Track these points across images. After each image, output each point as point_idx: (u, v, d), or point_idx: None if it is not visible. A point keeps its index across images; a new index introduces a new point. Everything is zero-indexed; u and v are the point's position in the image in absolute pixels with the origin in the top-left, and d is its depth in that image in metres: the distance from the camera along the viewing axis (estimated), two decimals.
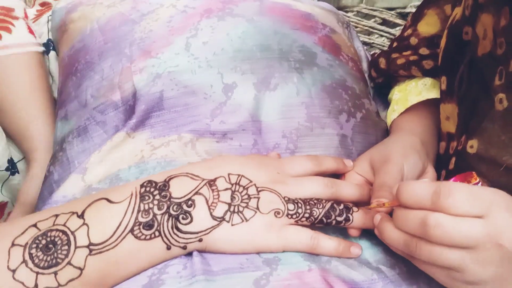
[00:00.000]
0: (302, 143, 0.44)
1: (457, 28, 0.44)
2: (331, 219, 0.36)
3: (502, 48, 0.38)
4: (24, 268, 0.29)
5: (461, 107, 0.43)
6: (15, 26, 0.58)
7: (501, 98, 0.37)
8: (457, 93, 0.44)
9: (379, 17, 0.93)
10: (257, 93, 0.45)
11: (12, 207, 0.59)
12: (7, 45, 0.57)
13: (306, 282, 0.32)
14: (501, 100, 0.37)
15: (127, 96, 0.44)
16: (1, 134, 0.56)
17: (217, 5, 0.51)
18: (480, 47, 0.40)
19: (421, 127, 0.48)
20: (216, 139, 0.43)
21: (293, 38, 0.50)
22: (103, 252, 0.30)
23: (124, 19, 0.50)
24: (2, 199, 0.57)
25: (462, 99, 0.43)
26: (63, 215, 0.31)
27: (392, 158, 0.40)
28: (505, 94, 0.37)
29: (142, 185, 0.34)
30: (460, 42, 0.43)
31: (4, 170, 0.56)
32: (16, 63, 0.57)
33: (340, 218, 0.36)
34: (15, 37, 0.58)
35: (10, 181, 0.57)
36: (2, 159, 0.56)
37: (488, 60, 0.39)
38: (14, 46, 0.57)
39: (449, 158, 0.44)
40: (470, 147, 0.40)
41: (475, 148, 0.40)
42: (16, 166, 0.58)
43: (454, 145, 0.44)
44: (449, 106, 0.45)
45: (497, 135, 0.38)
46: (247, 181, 0.36)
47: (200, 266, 0.32)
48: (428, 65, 0.51)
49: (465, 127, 0.42)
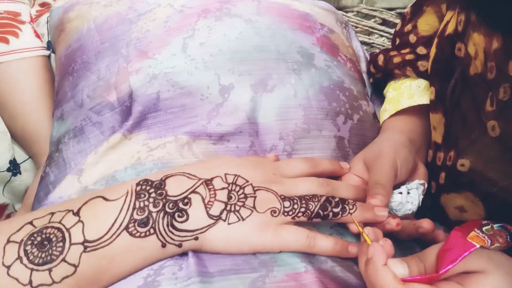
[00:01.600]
0: (299, 145, 0.44)
1: (450, 42, 0.43)
2: (327, 211, 0.36)
3: (493, 73, 0.36)
4: (19, 264, 0.29)
5: (449, 119, 0.43)
6: (22, 30, 0.59)
7: (493, 125, 0.36)
8: (449, 104, 0.43)
9: (379, 17, 0.93)
10: (254, 95, 0.44)
11: (12, 209, 0.59)
12: (15, 49, 0.57)
13: (302, 284, 0.32)
14: (493, 128, 0.37)
15: (124, 97, 0.44)
16: (5, 135, 0.56)
17: (214, 5, 0.51)
18: (472, 67, 0.39)
19: (410, 127, 0.48)
20: (213, 141, 0.43)
21: (291, 39, 0.50)
22: (97, 249, 0.31)
23: (121, 18, 0.50)
24: (4, 201, 0.57)
25: (451, 111, 0.43)
26: (59, 213, 0.32)
27: (384, 155, 0.41)
28: (497, 122, 0.36)
29: (138, 183, 0.34)
30: (452, 56, 0.43)
31: (6, 171, 0.56)
32: (24, 67, 0.58)
33: (336, 209, 0.36)
34: (22, 41, 0.58)
35: (12, 182, 0.58)
36: (4, 160, 0.56)
37: (479, 81, 0.38)
38: (22, 50, 0.58)
39: (438, 170, 0.44)
40: (461, 166, 0.40)
41: (466, 167, 0.40)
42: (18, 167, 0.58)
43: (441, 156, 0.44)
44: (437, 116, 0.45)
45: (492, 160, 0.37)
46: (244, 181, 0.36)
47: (196, 267, 0.32)
48: (423, 66, 0.51)
49: (453, 141, 0.42)
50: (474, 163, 0.39)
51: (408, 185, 0.41)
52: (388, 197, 0.37)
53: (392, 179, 0.39)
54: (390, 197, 0.38)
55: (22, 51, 0.58)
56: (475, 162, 0.39)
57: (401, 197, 0.39)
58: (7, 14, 0.59)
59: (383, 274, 0.30)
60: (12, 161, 0.57)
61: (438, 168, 0.44)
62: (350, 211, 0.36)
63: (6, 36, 0.57)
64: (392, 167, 0.39)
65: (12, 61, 0.57)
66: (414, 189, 0.40)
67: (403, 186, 0.41)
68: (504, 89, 0.35)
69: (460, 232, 0.32)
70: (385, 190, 0.37)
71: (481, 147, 0.38)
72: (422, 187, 0.41)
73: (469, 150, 0.39)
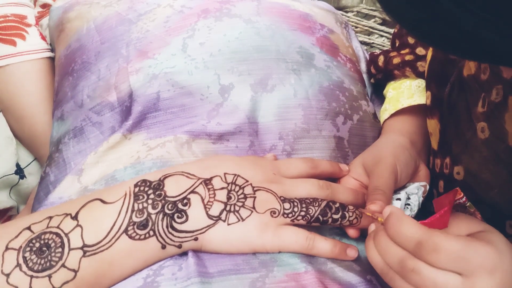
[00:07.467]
0: (298, 145, 0.44)
1: None
2: (327, 217, 0.36)
3: (486, 74, 0.36)
4: (18, 272, 0.29)
5: (444, 125, 0.43)
6: (28, 33, 0.59)
7: (482, 127, 0.36)
8: (446, 108, 0.43)
9: (379, 17, 0.93)
10: (254, 95, 0.44)
11: (16, 212, 0.60)
12: (22, 51, 0.58)
13: (302, 284, 0.32)
14: (482, 129, 0.36)
15: (123, 97, 0.44)
16: (11, 140, 0.56)
17: (214, 5, 0.51)
18: (466, 68, 0.39)
19: (411, 128, 0.48)
20: (212, 140, 0.42)
21: (291, 39, 0.49)
22: (97, 253, 0.30)
23: (121, 19, 0.50)
24: (12, 204, 0.58)
25: (447, 116, 0.43)
26: (57, 217, 0.31)
27: (384, 159, 0.40)
28: (487, 124, 0.36)
29: (136, 184, 0.34)
30: (447, 58, 0.42)
31: (14, 174, 0.57)
32: (31, 69, 0.58)
33: (336, 215, 0.36)
34: (29, 44, 0.59)
35: (20, 185, 0.58)
36: (10, 164, 0.56)
37: (472, 82, 0.38)
38: (29, 52, 0.58)
39: (437, 178, 0.44)
40: (457, 174, 0.40)
41: (461, 175, 0.40)
42: (22, 171, 0.59)
43: (438, 162, 0.44)
44: (432, 122, 0.44)
45: (484, 162, 0.37)
46: (243, 181, 0.36)
47: (195, 267, 0.32)
48: (422, 67, 0.50)
49: (447, 147, 0.42)
50: (468, 166, 0.39)
51: (407, 190, 0.41)
52: (388, 203, 0.37)
53: (392, 185, 0.39)
54: (390, 203, 0.38)
55: (29, 53, 0.58)
56: (469, 165, 0.39)
57: (400, 203, 0.39)
58: (14, 17, 0.59)
59: (406, 224, 0.30)
60: (17, 165, 0.58)
61: (437, 176, 0.44)
62: (350, 218, 0.36)
63: (14, 38, 0.58)
64: (392, 172, 0.39)
65: (20, 63, 0.57)
66: (414, 194, 0.40)
67: (402, 192, 0.40)
68: (496, 90, 0.35)
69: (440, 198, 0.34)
70: (385, 196, 0.37)
71: (473, 150, 0.38)
72: (422, 188, 0.41)
73: (462, 155, 0.39)
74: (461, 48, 0.23)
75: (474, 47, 0.22)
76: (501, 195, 0.36)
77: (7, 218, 0.59)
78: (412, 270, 0.29)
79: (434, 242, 0.28)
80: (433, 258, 0.28)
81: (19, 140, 0.59)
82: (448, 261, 0.28)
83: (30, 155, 0.61)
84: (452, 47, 0.23)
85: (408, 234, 0.29)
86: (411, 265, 0.29)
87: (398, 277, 0.30)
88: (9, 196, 0.57)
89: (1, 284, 0.28)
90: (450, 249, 0.28)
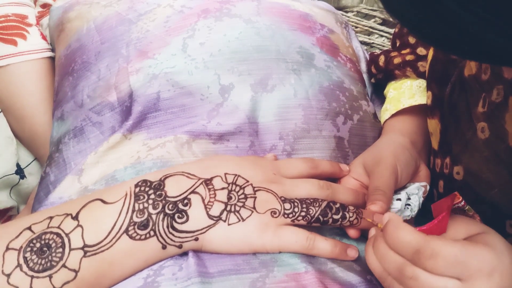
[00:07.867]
0: (298, 145, 0.44)
1: None
2: (327, 217, 0.36)
3: (487, 74, 0.36)
4: (19, 272, 0.29)
5: (444, 125, 0.43)
6: (29, 33, 0.59)
7: (482, 127, 0.36)
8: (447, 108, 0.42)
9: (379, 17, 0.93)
10: (254, 95, 0.44)
11: (16, 212, 0.60)
12: (23, 51, 0.58)
13: (303, 284, 0.32)
14: (483, 129, 0.36)
15: (124, 97, 0.44)
16: (12, 140, 0.56)
17: (214, 5, 0.51)
18: (467, 68, 0.39)
19: (411, 128, 0.48)
20: (213, 140, 0.42)
21: (291, 39, 0.49)
22: (97, 254, 0.30)
23: (121, 19, 0.50)
24: (12, 204, 0.58)
25: (447, 116, 0.43)
26: (57, 217, 0.31)
27: (384, 160, 0.41)
28: (487, 124, 0.36)
29: (137, 184, 0.34)
30: (448, 58, 0.42)
31: (14, 174, 0.57)
32: (32, 69, 0.58)
33: (336, 216, 0.36)
34: (30, 43, 0.59)
35: (20, 185, 0.58)
36: (11, 164, 0.56)
37: (473, 82, 0.38)
38: (30, 52, 0.58)
39: (437, 178, 0.44)
40: (457, 174, 0.40)
41: (461, 175, 0.39)
42: (22, 171, 0.59)
43: (438, 162, 0.44)
44: (433, 122, 0.44)
45: (481, 165, 0.37)
46: (244, 181, 0.36)
47: (196, 267, 0.32)
48: (423, 67, 0.50)
49: (448, 147, 0.42)
50: (468, 166, 0.39)
51: (408, 190, 0.41)
52: (388, 204, 0.37)
53: (392, 185, 0.39)
54: (390, 203, 0.38)
55: (30, 53, 0.58)
56: (469, 165, 0.39)
57: (401, 204, 0.39)
58: (15, 17, 0.59)
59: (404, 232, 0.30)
60: (17, 165, 0.58)
61: (437, 176, 0.44)
62: (350, 219, 0.36)
63: (15, 38, 0.58)
64: (393, 172, 0.39)
65: (21, 63, 0.57)
66: (415, 195, 0.40)
67: (403, 192, 0.40)
68: (497, 90, 0.35)
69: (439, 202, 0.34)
70: (385, 196, 0.37)
71: (473, 150, 0.38)
72: (423, 189, 0.41)
73: (462, 155, 0.39)
74: (462, 48, 0.23)
75: (475, 47, 0.22)
76: (501, 195, 0.36)
77: (7, 218, 0.59)
78: (410, 278, 0.29)
79: (432, 248, 0.28)
80: (431, 265, 0.28)
81: (19, 140, 0.59)
82: (446, 267, 0.28)
83: (30, 155, 0.61)
84: (453, 47, 0.23)
85: (406, 241, 0.29)
86: (409, 273, 0.29)
87: (396, 283, 0.30)
88: (9, 196, 0.58)
89: (1, 285, 0.28)
90: (447, 255, 0.28)
